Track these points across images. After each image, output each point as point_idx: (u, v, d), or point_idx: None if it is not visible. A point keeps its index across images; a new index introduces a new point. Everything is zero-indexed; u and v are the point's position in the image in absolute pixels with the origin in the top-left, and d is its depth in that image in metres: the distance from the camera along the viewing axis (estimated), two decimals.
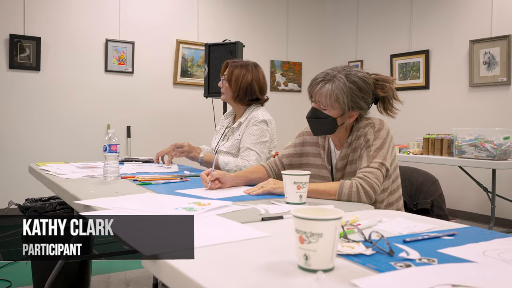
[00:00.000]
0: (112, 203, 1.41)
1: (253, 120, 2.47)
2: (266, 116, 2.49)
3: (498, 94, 4.70)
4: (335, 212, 0.84)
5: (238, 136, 2.50)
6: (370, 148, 1.66)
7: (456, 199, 5.05)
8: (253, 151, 2.40)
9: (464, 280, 0.78)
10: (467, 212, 4.96)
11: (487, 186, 4.22)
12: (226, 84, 2.53)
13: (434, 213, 1.91)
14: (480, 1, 4.85)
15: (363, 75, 1.70)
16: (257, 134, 2.42)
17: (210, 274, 0.81)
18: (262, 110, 2.56)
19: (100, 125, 5.07)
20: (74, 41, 4.96)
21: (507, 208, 4.43)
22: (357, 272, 0.83)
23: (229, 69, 2.54)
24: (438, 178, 2.02)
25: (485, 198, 4.54)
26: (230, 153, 2.49)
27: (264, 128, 2.44)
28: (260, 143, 2.42)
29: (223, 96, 2.58)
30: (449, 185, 4.99)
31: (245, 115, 2.54)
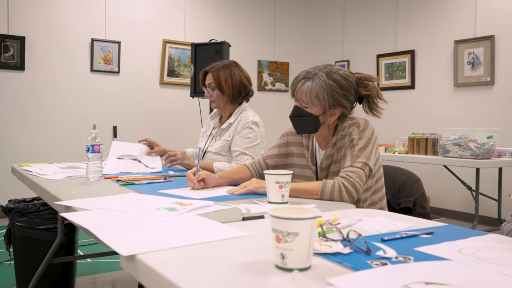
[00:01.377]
0: (93, 204, 1.40)
1: (243, 121, 2.47)
2: (256, 118, 2.49)
3: (482, 94, 4.76)
4: (312, 211, 0.84)
5: (228, 138, 2.49)
6: (354, 148, 1.68)
7: (441, 198, 5.10)
8: (247, 155, 2.40)
9: (438, 277, 0.79)
10: (452, 211, 5.02)
11: (471, 184, 4.27)
12: (216, 91, 2.50)
13: (416, 212, 1.93)
14: (464, 2, 4.91)
15: (345, 73, 1.71)
16: (250, 137, 2.42)
17: (186, 274, 0.81)
18: (251, 111, 2.57)
19: (86, 125, 5.03)
20: (59, 41, 4.92)
21: (491, 206, 4.49)
22: (333, 271, 0.83)
23: (213, 76, 2.50)
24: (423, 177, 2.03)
25: (469, 196, 4.60)
26: (220, 154, 2.48)
27: (256, 130, 2.45)
28: (253, 147, 2.42)
29: (214, 104, 2.55)
30: (434, 184, 5.05)
31: (234, 116, 2.54)
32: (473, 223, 3.91)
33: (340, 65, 6.30)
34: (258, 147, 2.45)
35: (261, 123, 2.52)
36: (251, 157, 2.38)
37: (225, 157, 2.49)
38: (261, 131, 2.50)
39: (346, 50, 6.29)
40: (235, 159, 2.41)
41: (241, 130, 2.45)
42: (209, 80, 2.53)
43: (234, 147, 2.44)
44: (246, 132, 2.44)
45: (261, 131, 2.49)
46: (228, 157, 2.50)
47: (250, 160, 2.36)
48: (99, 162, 2.00)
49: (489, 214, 4.54)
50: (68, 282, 2.75)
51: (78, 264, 3.24)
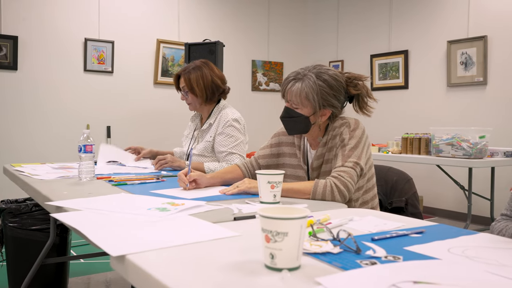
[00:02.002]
0: (85, 204, 1.40)
1: (223, 120, 2.47)
2: (235, 114, 2.50)
3: (475, 94, 4.79)
4: (301, 211, 0.84)
5: (210, 138, 2.49)
6: (345, 148, 1.68)
7: (434, 197, 5.12)
8: (236, 154, 2.41)
9: (427, 276, 0.79)
10: (445, 210, 5.04)
11: (464, 184, 4.29)
12: (190, 95, 2.52)
13: (408, 211, 1.93)
14: (457, 2, 4.93)
15: (334, 73, 1.72)
16: (233, 136, 2.43)
17: (176, 274, 0.81)
18: (230, 108, 2.58)
19: (80, 125, 5.01)
20: (52, 40, 4.90)
21: (483, 205, 4.52)
22: (322, 271, 0.84)
23: (184, 80, 2.51)
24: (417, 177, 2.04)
25: (462, 196, 4.62)
26: (203, 155, 2.49)
27: (238, 127, 2.46)
28: (239, 144, 2.42)
29: (191, 107, 2.58)
30: (427, 183, 5.07)
31: (213, 115, 2.54)
32: (466, 223, 3.93)
33: (334, 65, 6.32)
34: (243, 143, 2.47)
35: (241, 119, 2.52)
36: (239, 155, 2.39)
37: (209, 158, 2.49)
38: (243, 127, 2.50)
39: (340, 50, 6.31)
40: (224, 159, 2.41)
41: (224, 130, 2.45)
42: (182, 84, 2.54)
43: (219, 147, 2.44)
44: (229, 131, 2.44)
45: (242, 126, 2.50)
46: (212, 158, 2.50)
47: (239, 158, 2.37)
48: (91, 162, 1.99)
49: (482, 214, 4.57)
50: (60, 283, 2.74)
51: (72, 265, 3.23)
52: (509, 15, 4.49)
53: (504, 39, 4.54)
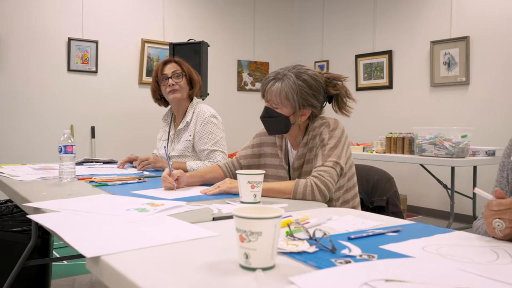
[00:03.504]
0: (63, 205, 1.38)
1: (201, 117, 2.46)
2: (212, 110, 2.50)
3: (457, 93, 4.85)
4: (275, 210, 0.85)
5: (189, 137, 2.47)
6: (325, 147, 1.69)
7: (417, 196, 5.17)
8: (217, 151, 2.40)
9: (399, 274, 0.80)
10: (429, 209, 5.09)
11: (447, 183, 4.34)
12: (183, 79, 2.47)
13: (389, 210, 1.95)
14: (440, 3, 4.99)
15: (314, 73, 1.73)
16: (214, 132, 2.42)
17: (150, 275, 0.81)
18: (204, 104, 2.57)
19: (63, 125, 4.96)
20: (35, 40, 4.84)
21: (466, 204, 4.57)
22: (297, 270, 0.84)
23: (179, 64, 2.47)
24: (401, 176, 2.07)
25: (446, 194, 4.68)
26: (184, 155, 2.47)
27: (217, 123, 2.46)
28: (220, 141, 2.43)
29: (178, 94, 2.48)
30: (411, 182, 5.12)
31: (189, 113, 2.52)
32: (448, 221, 3.98)
33: (320, 65, 6.35)
34: (224, 139, 2.46)
35: (218, 114, 2.52)
36: (221, 151, 2.39)
37: (190, 158, 2.48)
38: (220, 123, 2.51)
39: (325, 50, 6.33)
40: (207, 157, 2.41)
41: (203, 127, 2.44)
42: (174, 68, 2.46)
43: (201, 145, 2.43)
44: (209, 128, 2.43)
45: (220, 122, 2.50)
46: (194, 157, 2.48)
47: (221, 155, 2.37)
48: (72, 163, 1.97)
49: (465, 212, 4.63)
50: (43, 285, 2.71)
51: (55, 267, 3.20)
52: (490, 16, 4.56)
53: (485, 39, 4.60)
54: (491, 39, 4.55)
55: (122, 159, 2.68)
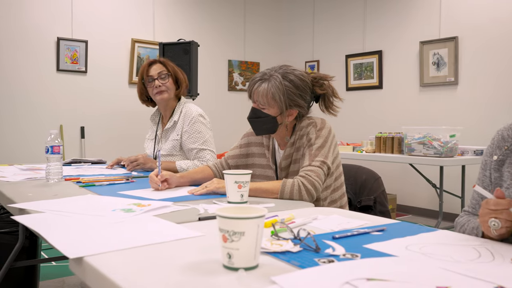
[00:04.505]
0: (48, 206, 1.38)
1: (189, 116, 2.47)
2: (199, 109, 2.52)
3: (446, 93, 4.88)
4: (258, 210, 0.85)
5: (177, 136, 2.48)
6: (312, 147, 1.70)
7: (407, 196, 5.20)
8: (206, 150, 2.41)
9: (381, 273, 0.80)
10: (418, 208, 5.12)
11: (436, 182, 4.37)
12: (169, 80, 2.48)
13: (377, 210, 1.96)
14: (429, 4, 5.02)
15: (300, 73, 1.73)
16: (202, 131, 2.43)
17: (132, 276, 0.81)
18: (192, 104, 2.58)
19: (53, 126, 4.93)
20: (23, 39, 4.80)
21: (455, 203, 4.61)
22: (280, 269, 0.84)
23: (164, 65, 2.49)
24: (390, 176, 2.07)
25: (435, 194, 4.71)
26: (171, 155, 2.47)
27: (204, 122, 2.48)
28: (208, 139, 2.44)
29: (165, 95, 2.48)
30: (401, 182, 5.15)
31: (176, 113, 2.53)
32: (437, 220, 4.00)
33: (310, 65, 6.36)
34: (212, 138, 2.48)
35: (205, 114, 2.54)
36: (210, 150, 2.40)
37: (178, 157, 2.48)
38: (208, 122, 2.52)
39: (316, 50, 6.35)
40: (196, 156, 2.41)
41: (191, 126, 2.45)
42: (159, 69, 2.47)
43: (189, 145, 2.43)
44: (197, 127, 2.44)
45: (208, 121, 2.52)
46: (181, 156, 2.48)
47: (210, 154, 2.38)
48: (59, 164, 1.96)
49: (453, 211, 4.66)
50: (30, 287, 2.69)
51: (44, 268, 3.17)
52: (478, 17, 4.59)
53: (474, 40, 4.64)
54: (479, 39, 4.59)
55: (111, 160, 2.67)
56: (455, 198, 4.52)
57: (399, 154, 4.13)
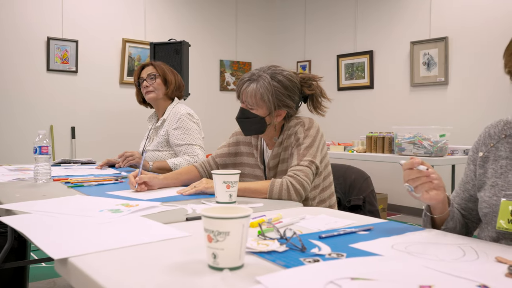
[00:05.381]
0: (35, 207, 1.37)
1: (176, 115, 2.51)
2: (188, 110, 2.56)
3: (436, 93, 4.91)
4: (243, 210, 0.85)
5: (163, 133, 2.53)
6: (300, 147, 1.70)
7: (398, 195, 5.23)
8: (196, 145, 2.45)
9: (366, 273, 0.81)
10: (409, 207, 5.15)
11: None
12: (158, 80, 2.54)
13: (366, 209, 1.97)
14: (420, 4, 5.05)
15: (289, 74, 1.74)
16: (191, 128, 2.48)
17: (117, 277, 0.80)
18: (182, 104, 2.62)
19: (43, 126, 4.90)
20: (13, 39, 4.77)
21: None
22: (265, 269, 0.84)
23: (155, 67, 2.56)
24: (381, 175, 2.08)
25: None
26: (158, 150, 2.53)
27: (193, 121, 2.51)
28: (196, 136, 2.49)
29: (152, 94, 2.56)
30: (392, 181, 5.17)
31: (167, 112, 2.58)
32: None
33: (302, 65, 6.37)
34: (200, 135, 2.52)
35: (194, 113, 2.58)
36: (199, 146, 2.44)
37: (164, 152, 2.52)
38: (197, 121, 2.55)
39: (307, 50, 6.36)
40: (186, 152, 2.44)
41: (179, 124, 2.48)
42: (148, 71, 2.56)
43: (178, 141, 2.47)
44: (185, 124, 2.48)
45: (196, 120, 2.55)
46: (168, 152, 2.52)
47: (199, 149, 2.41)
48: (47, 164, 1.95)
49: None
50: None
51: (34, 269, 3.15)
52: (468, 17, 4.63)
53: (463, 40, 4.67)
54: (469, 39, 4.62)
55: (101, 161, 2.67)
56: None
57: (390, 153, 4.14)
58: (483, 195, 1.27)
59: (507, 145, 1.27)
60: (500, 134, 1.30)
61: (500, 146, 1.28)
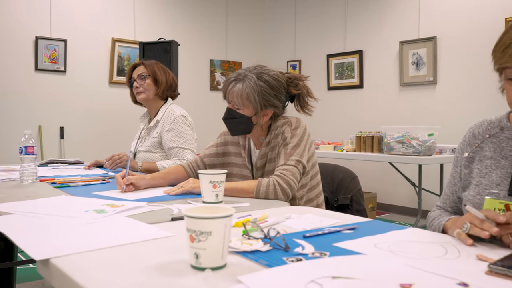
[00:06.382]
0: (19, 207, 1.36)
1: (170, 117, 2.50)
2: (182, 111, 2.55)
3: (425, 93, 4.94)
4: (225, 210, 0.85)
5: (156, 134, 2.51)
6: (287, 146, 1.70)
7: (387, 194, 5.26)
8: (187, 149, 2.43)
9: (347, 271, 0.81)
10: (398, 206, 5.18)
11: (415, 181, 4.43)
12: (148, 80, 2.52)
13: (353, 208, 1.98)
14: (409, 4, 5.08)
15: (275, 74, 1.74)
16: (183, 131, 2.46)
17: (98, 277, 0.80)
18: (176, 106, 2.61)
19: (32, 126, 4.86)
20: (0, 38, 4.72)
21: (433, 201, 4.67)
22: (247, 269, 0.84)
23: (146, 67, 2.54)
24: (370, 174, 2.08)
25: (414, 192, 4.76)
26: (150, 151, 2.50)
27: (186, 123, 2.50)
28: (189, 140, 2.46)
29: (143, 95, 2.55)
30: (381, 180, 5.20)
31: (160, 113, 2.56)
32: (416, 218, 4.05)
33: (292, 65, 6.38)
34: (193, 139, 2.52)
35: (188, 115, 2.57)
36: (190, 150, 2.43)
37: (156, 154, 2.50)
38: (190, 123, 2.54)
39: (297, 50, 6.37)
40: (176, 155, 2.42)
41: (172, 126, 2.47)
42: (139, 71, 2.55)
43: (170, 144, 2.45)
44: (178, 127, 2.47)
45: (189, 123, 2.54)
46: (160, 154, 2.51)
47: (191, 153, 2.40)
48: (33, 164, 1.93)
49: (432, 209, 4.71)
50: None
51: (21, 270, 3.13)
52: (456, 17, 4.66)
53: (452, 40, 4.70)
54: (457, 39, 4.66)
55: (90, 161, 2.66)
56: (434, 196, 4.58)
57: (379, 153, 4.17)
58: (467, 194, 1.29)
59: (491, 144, 1.28)
60: (484, 134, 1.32)
61: (485, 146, 1.30)
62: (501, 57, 1.15)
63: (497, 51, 1.18)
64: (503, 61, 1.14)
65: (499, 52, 1.16)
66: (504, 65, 1.15)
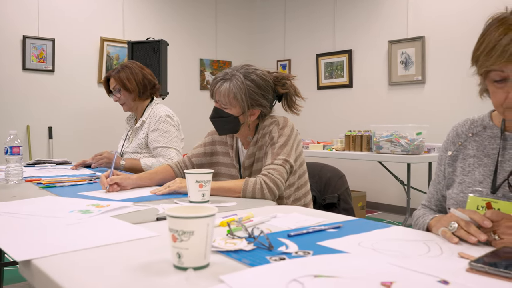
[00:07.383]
0: (4, 208, 1.34)
1: (155, 117, 2.51)
2: (167, 111, 2.55)
3: (414, 92, 4.98)
4: (208, 209, 0.85)
5: (142, 135, 2.52)
6: (274, 146, 1.70)
7: (377, 193, 5.28)
8: (171, 148, 2.43)
9: (329, 270, 0.81)
10: (388, 205, 5.21)
11: (404, 179, 4.45)
12: (122, 93, 2.53)
13: (340, 207, 1.98)
14: (397, 4, 5.10)
15: (262, 73, 1.74)
16: (168, 131, 2.47)
17: (80, 278, 0.79)
18: (161, 105, 2.61)
19: (19, 126, 4.82)
20: None
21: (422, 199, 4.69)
22: (230, 268, 0.84)
23: (115, 79, 2.53)
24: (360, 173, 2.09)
25: (403, 190, 4.79)
26: (136, 152, 2.50)
27: (172, 122, 2.51)
28: (174, 139, 2.47)
29: (125, 107, 2.59)
30: (370, 179, 5.22)
31: (146, 113, 2.57)
32: (405, 216, 4.08)
33: (282, 64, 6.39)
34: (178, 138, 2.52)
35: (174, 115, 2.57)
36: (175, 149, 2.43)
37: (143, 155, 2.52)
38: (176, 123, 2.55)
39: (287, 49, 6.38)
40: (160, 154, 2.43)
41: (157, 126, 2.47)
42: (112, 84, 2.55)
43: (154, 143, 2.46)
44: (163, 127, 2.47)
45: (175, 123, 2.54)
46: (147, 154, 2.52)
47: (175, 153, 2.40)
48: (18, 165, 1.92)
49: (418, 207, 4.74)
50: None
51: (9, 272, 3.10)
52: (444, 17, 4.70)
53: (440, 39, 4.74)
54: (446, 39, 4.69)
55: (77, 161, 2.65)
56: (423, 194, 4.61)
57: (368, 152, 4.19)
58: (451, 192, 1.30)
59: (474, 143, 1.30)
60: (467, 132, 1.33)
61: (468, 145, 1.31)
62: (487, 60, 1.11)
63: (480, 55, 1.13)
64: (489, 63, 1.10)
65: (483, 55, 1.12)
66: (490, 68, 1.11)
